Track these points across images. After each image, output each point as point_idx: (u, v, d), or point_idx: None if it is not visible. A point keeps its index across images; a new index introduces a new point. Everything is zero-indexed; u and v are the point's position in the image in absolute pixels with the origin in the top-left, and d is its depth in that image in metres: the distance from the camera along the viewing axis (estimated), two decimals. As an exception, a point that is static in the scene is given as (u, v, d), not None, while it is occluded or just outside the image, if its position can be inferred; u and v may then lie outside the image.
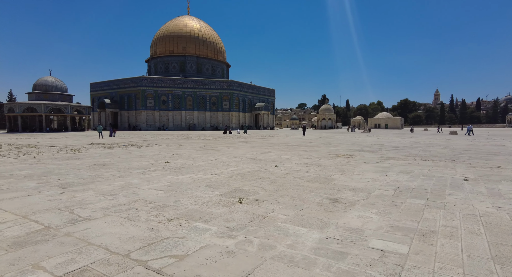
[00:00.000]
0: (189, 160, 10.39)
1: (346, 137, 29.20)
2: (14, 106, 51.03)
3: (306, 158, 10.69)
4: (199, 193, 5.34)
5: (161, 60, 70.42)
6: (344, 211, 4.14)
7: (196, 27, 70.84)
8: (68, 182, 6.42)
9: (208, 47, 71.45)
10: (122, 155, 11.84)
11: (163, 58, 70.06)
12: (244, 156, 11.64)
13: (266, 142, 21.29)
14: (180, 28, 69.71)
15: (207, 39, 71.38)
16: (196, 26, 70.85)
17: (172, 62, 69.62)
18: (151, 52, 73.51)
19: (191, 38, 69.22)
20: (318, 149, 14.98)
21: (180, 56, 68.98)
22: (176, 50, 68.88)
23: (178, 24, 70.48)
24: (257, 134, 40.26)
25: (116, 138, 27.99)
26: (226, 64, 78.89)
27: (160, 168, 8.39)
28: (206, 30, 72.58)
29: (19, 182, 6.49)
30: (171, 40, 69.12)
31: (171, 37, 69.18)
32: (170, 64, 69.74)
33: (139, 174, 7.49)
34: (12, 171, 7.93)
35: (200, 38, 70.21)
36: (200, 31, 70.88)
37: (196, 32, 70.05)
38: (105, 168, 8.45)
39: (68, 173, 7.67)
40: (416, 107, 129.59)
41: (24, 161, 10.13)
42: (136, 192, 5.46)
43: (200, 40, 70.05)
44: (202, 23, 73.89)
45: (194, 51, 69.51)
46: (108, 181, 6.58)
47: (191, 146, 17.30)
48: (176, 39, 68.88)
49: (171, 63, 69.67)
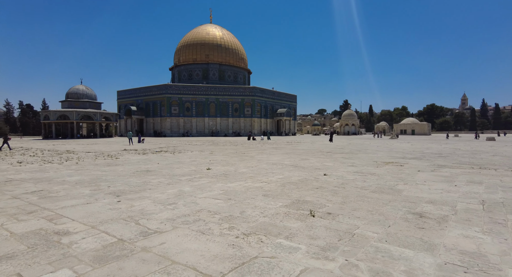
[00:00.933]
0: (229, 166, 10.14)
1: (377, 143, 28.07)
2: (49, 113, 53.80)
3: (351, 166, 10.12)
4: (261, 203, 5.00)
5: (185, 68, 72.03)
6: (440, 229, 3.63)
7: (219, 35, 72.05)
8: (120, 190, 6.31)
9: (230, 54, 72.32)
10: (161, 162, 11.81)
11: (187, 66, 71.64)
12: (283, 163, 11.24)
13: (296, 148, 20.79)
14: (203, 36, 71.18)
15: (229, 46, 72.34)
16: (218, 34, 72.08)
17: (195, 70, 71.02)
18: (175, 60, 75.46)
19: (214, 46, 70.42)
20: (357, 156, 14.30)
21: (203, 64, 70.25)
22: (199, 58, 70.25)
23: (201, 33, 72.03)
24: (281, 140, 39.77)
25: (145, 144, 28.54)
26: (247, 70, 79.43)
27: (205, 175, 8.17)
28: (228, 37, 73.64)
29: (73, 188, 6.45)
30: (195, 48, 70.64)
31: (195, 45, 70.72)
32: (194, 71, 71.17)
33: (187, 181, 7.29)
34: (63, 177, 8.00)
35: (223, 45, 71.27)
36: (223, 39, 71.99)
37: (218, 40, 71.21)
38: (150, 175, 8.35)
39: (116, 180, 7.61)
40: (444, 112, 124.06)
41: (69, 167, 10.29)
42: (194, 201, 5.21)
43: (222, 48, 71.10)
44: (224, 30, 75.09)
45: (216, 58, 70.58)
46: (159, 188, 6.41)
47: (222, 152, 17.14)
48: (199, 47, 70.33)
49: (194, 71, 71.08)
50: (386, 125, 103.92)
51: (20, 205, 5.05)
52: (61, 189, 6.36)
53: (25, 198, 5.53)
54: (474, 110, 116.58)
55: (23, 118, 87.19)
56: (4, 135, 21.36)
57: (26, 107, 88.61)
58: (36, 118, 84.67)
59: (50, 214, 4.49)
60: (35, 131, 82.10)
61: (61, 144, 30.06)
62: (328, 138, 45.03)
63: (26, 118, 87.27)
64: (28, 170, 9.52)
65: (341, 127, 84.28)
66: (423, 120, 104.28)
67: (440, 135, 76.83)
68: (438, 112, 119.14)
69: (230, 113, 63.29)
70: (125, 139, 46.29)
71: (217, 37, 71.50)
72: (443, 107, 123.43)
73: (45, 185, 6.92)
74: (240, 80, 75.31)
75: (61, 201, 5.33)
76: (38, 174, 8.60)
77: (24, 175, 8.43)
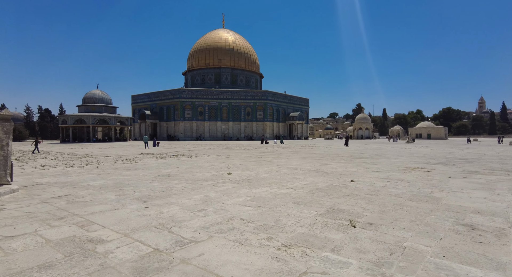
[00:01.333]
0: (249, 171, 9.96)
1: (395, 148, 27.34)
2: (66, 118, 55.27)
3: (376, 172, 9.76)
4: (293, 211, 4.78)
5: (198, 72, 72.79)
6: (502, 244, 3.32)
7: (231, 39, 72.60)
8: (145, 195, 6.22)
9: (242, 58, 72.67)
10: (180, 166, 11.76)
11: (200, 70, 72.38)
12: (304, 168, 10.98)
13: (312, 152, 20.44)
14: (215, 41, 71.86)
15: (241, 51, 72.73)
16: (231, 39, 72.63)
17: (208, 74, 71.66)
18: (188, 65, 76.40)
19: (226, 50, 70.95)
20: (378, 161, 13.87)
21: (215, 68, 70.82)
22: (212, 63, 70.87)
23: (214, 37, 72.76)
24: (294, 144, 39.38)
25: (160, 148, 28.76)
26: (259, 74, 79.56)
27: (227, 180, 8.02)
28: (240, 42, 74.10)
29: (98, 193, 6.41)
30: (207, 53, 71.36)
31: (207, 50, 71.45)
32: (206, 76, 71.82)
33: (211, 186, 7.14)
34: (86, 182, 8.01)
35: (235, 50, 71.71)
36: (235, 43, 72.48)
37: (231, 45, 71.73)
38: (172, 180, 8.26)
39: (139, 184, 7.55)
40: (461, 116, 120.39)
41: (90, 171, 10.36)
42: (224, 208, 5.04)
43: (235, 52, 71.54)
44: (237, 35, 75.62)
45: (229, 63, 71.02)
46: (184, 194, 6.29)
47: (238, 156, 17.00)
48: (212, 52, 71.00)
49: (207, 75, 71.72)
50: (401, 129, 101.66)
51: (50, 210, 5.01)
52: (86, 194, 6.33)
53: (54, 203, 5.50)
54: (494, 113, 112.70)
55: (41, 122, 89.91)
56: (36, 138, 23.12)
57: (44, 111, 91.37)
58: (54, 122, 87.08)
59: (81, 220, 4.42)
60: (53, 135, 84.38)
61: (79, 147, 30.68)
62: (343, 142, 44.32)
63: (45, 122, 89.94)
64: (52, 174, 9.62)
65: (355, 131, 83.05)
66: (439, 124, 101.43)
67: (458, 139, 74.51)
68: (455, 116, 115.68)
69: (243, 117, 63.34)
70: (140, 143, 46.94)
71: (230, 42, 72.04)
72: (460, 110, 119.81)
73: (70, 189, 6.91)
74: (252, 84, 75.48)
75: (89, 206, 5.26)
76: (62, 178, 8.66)
77: (49, 179, 8.50)
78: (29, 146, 36.20)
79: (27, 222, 4.31)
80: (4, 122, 6.50)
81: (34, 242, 3.51)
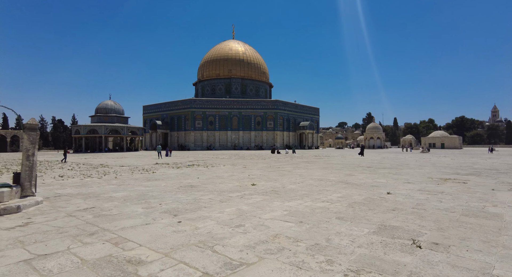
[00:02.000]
0: (273, 182, 9.56)
1: (413, 158, 26.51)
2: (79, 128, 56.14)
3: (408, 183, 9.23)
4: (342, 229, 4.35)
5: (208, 83, 73.52)
6: None
7: (241, 50, 73.39)
8: (173, 208, 5.88)
9: (252, 68, 73.19)
10: (200, 176, 11.44)
11: (210, 81, 73.11)
12: (329, 179, 10.51)
13: (330, 162, 19.89)
14: (226, 51, 72.76)
15: (251, 61, 73.35)
16: (241, 49, 73.44)
17: (218, 84, 72.27)
18: (198, 75, 77.34)
19: (236, 61, 71.66)
20: (403, 171, 13.28)
21: (226, 79, 71.42)
22: (222, 73, 71.56)
23: (224, 48, 73.72)
24: (307, 153, 38.77)
25: (173, 157, 28.64)
26: (269, 84, 79.85)
27: (254, 192, 7.63)
28: (250, 52, 74.83)
29: (124, 206, 6.11)
30: (218, 64, 72.19)
31: (218, 61, 72.31)
32: (217, 86, 72.43)
33: (239, 198, 6.77)
34: (108, 193, 7.74)
35: (245, 60, 72.37)
36: (245, 54, 73.21)
37: (241, 55, 72.47)
38: (196, 191, 7.92)
39: (164, 196, 7.23)
40: (475, 125, 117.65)
41: (109, 182, 10.12)
42: (262, 223, 4.65)
43: (244, 63, 72.17)
44: (247, 46, 76.47)
45: (239, 73, 71.59)
46: (214, 207, 5.93)
47: (255, 166, 16.61)
48: (222, 63, 71.80)
49: (217, 86, 72.33)
50: (413, 138, 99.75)
51: (78, 224, 4.71)
52: (112, 207, 6.03)
53: (81, 217, 5.21)
54: (510, 122, 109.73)
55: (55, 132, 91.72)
56: (64, 149, 25.26)
57: (57, 122, 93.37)
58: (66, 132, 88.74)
59: (113, 236, 4.09)
60: (65, 145, 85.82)
61: (92, 157, 30.83)
62: (356, 152, 43.46)
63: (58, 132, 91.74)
64: (72, 185, 9.41)
65: (366, 141, 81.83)
66: (452, 133, 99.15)
67: (474, 149, 72.53)
68: (469, 125, 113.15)
69: (253, 127, 63.22)
70: (152, 153, 47.11)
71: (240, 52, 72.82)
72: (474, 119, 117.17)
73: (94, 201, 6.64)
74: (261, 94, 75.68)
75: (118, 220, 4.95)
76: (83, 189, 8.42)
77: (70, 190, 8.27)
78: (44, 156, 36.66)
79: (58, 238, 4.01)
80: (31, 131, 6.33)
81: (70, 262, 3.19)
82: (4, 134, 63.57)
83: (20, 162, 21.74)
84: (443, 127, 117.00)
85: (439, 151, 55.76)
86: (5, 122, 78.60)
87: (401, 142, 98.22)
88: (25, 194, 6.21)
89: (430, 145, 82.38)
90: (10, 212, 5.49)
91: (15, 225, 4.69)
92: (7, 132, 64.30)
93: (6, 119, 79.44)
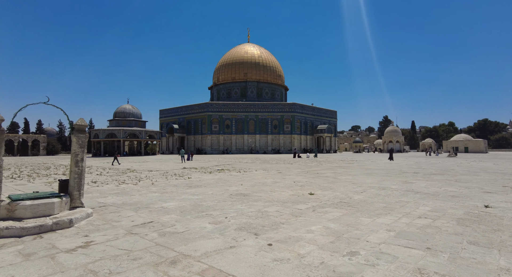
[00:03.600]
0: (331, 191, 8.55)
1: (449, 162, 24.87)
2: (98, 132, 56.60)
3: (488, 193, 8.04)
4: (498, 261, 3.32)
5: (224, 86, 73.28)
6: None
7: (257, 53, 72.93)
8: (245, 223, 4.98)
9: (268, 72, 72.54)
10: (243, 183, 10.54)
11: (226, 84, 72.86)
12: (389, 187, 9.42)
13: (366, 167, 18.66)
14: (241, 55, 72.44)
15: (267, 64, 72.73)
16: (256, 53, 72.98)
17: (233, 88, 71.90)
18: (214, 79, 77.28)
19: (252, 64, 71.19)
20: (463, 178, 11.98)
21: (241, 82, 70.99)
22: (238, 77, 71.18)
23: (239, 52, 73.44)
24: (329, 158, 37.42)
25: (195, 162, 27.97)
26: (284, 87, 78.95)
27: (322, 203, 6.65)
28: (266, 55, 74.27)
29: (185, 220, 5.25)
30: (233, 67, 71.90)
31: (233, 65, 72.04)
32: (232, 90, 72.07)
33: (311, 212, 5.81)
34: (156, 203, 6.93)
35: (261, 63, 71.82)
36: (261, 57, 72.68)
37: (256, 58, 71.98)
38: (253, 201, 7.02)
39: (222, 207, 6.35)
40: (499, 128, 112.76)
41: (149, 189, 9.36)
42: (380, 250, 3.66)
43: (260, 66, 71.61)
44: (262, 49, 75.98)
45: (254, 76, 71.04)
46: (292, 223, 4.99)
47: (290, 171, 15.59)
48: (238, 66, 71.47)
49: (233, 89, 71.96)
50: (433, 142, 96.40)
51: (148, 246, 3.86)
52: (172, 221, 5.19)
53: (144, 235, 4.37)
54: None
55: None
56: (114, 153, 26.46)
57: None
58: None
59: (204, 267, 3.20)
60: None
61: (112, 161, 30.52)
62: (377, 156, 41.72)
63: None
64: (111, 192, 8.69)
65: (384, 144, 79.45)
66: (475, 137, 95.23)
67: (501, 153, 69.16)
68: (492, 128, 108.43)
69: (270, 130, 62.29)
70: (171, 156, 46.83)
71: (255, 56, 72.35)
72: (498, 122, 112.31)
73: (147, 213, 5.82)
74: (277, 97, 74.82)
75: (192, 241, 4.07)
76: (125, 198, 7.66)
77: (112, 199, 7.52)
78: (67, 160, 36.78)
79: (136, 268, 3.15)
80: (79, 133, 5.59)
81: (175, 314, 2.30)
82: (26, 138, 64.99)
83: (47, 166, 21.47)
84: (464, 130, 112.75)
85: (465, 155, 53.19)
86: (27, 127, 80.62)
87: (420, 145, 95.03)
88: (74, 205, 5.46)
89: (453, 148, 79.23)
90: (63, 226, 4.72)
91: (75, 246, 3.88)
92: (28, 137, 65.75)
93: (28, 123, 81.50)
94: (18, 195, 5.12)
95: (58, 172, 16.22)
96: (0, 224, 4.40)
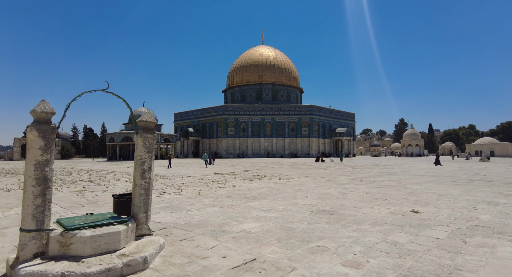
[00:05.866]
0: (429, 207, 6.83)
1: (497, 168, 22.65)
2: (114, 136, 55.97)
3: None
4: None
5: (238, 89, 72.03)
6: None
7: (272, 55, 71.56)
8: (395, 265, 3.34)
9: (283, 74, 71.01)
10: (308, 194, 8.87)
11: (240, 87, 71.59)
12: (500, 202, 7.62)
13: (413, 173, 16.74)
14: (256, 57, 71.18)
15: (282, 66, 71.24)
16: (271, 55, 71.62)
17: (248, 91, 70.57)
18: (228, 82, 76.17)
19: (267, 66, 69.81)
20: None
21: (256, 84, 69.61)
22: (253, 79, 69.85)
23: (254, 54, 72.22)
24: (355, 162, 35.38)
25: (218, 166, 26.46)
26: (299, 89, 77.20)
27: (455, 228, 4.96)
28: (281, 57, 72.83)
29: (297, 256, 3.64)
30: (248, 70, 70.64)
31: (248, 67, 70.79)
32: (247, 92, 70.74)
33: (462, 242, 4.13)
34: (228, 223, 5.33)
35: (276, 66, 70.37)
36: (276, 59, 71.27)
37: (271, 61, 70.58)
38: (354, 223, 5.37)
39: (320, 231, 4.72)
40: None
41: (200, 201, 7.80)
42: None
43: (275, 68, 70.16)
44: (277, 51, 74.59)
45: (269, 78, 69.59)
46: (463, 265, 3.31)
47: (338, 179, 13.85)
48: (252, 68, 70.19)
49: (248, 92, 70.63)
50: (453, 145, 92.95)
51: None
52: (284, 259, 3.58)
53: (272, 291, 2.77)
54: None
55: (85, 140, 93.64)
56: (169, 156, 27.53)
57: (88, 130, 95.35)
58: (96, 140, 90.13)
59: None
60: (95, 153, 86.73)
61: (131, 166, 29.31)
62: (394, 160, 39.43)
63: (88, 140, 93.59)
64: (157, 205, 7.16)
65: (403, 148, 76.63)
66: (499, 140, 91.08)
67: (531, 157, 65.45)
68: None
69: (287, 133, 60.51)
70: (189, 160, 45.62)
71: (270, 58, 70.97)
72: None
73: (232, 243, 4.24)
74: (292, 99, 73.11)
75: None
76: (184, 215, 6.11)
77: (168, 217, 5.97)
78: (84, 164, 35.86)
79: None
80: (147, 133, 4.10)
81: None
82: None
83: (68, 171, 20.19)
84: (486, 133, 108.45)
85: (496, 159, 50.20)
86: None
87: (439, 149, 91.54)
88: (141, 232, 3.92)
89: (476, 153, 75.67)
90: (136, 269, 3.20)
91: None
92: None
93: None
94: (70, 219, 3.61)
95: (82, 178, 14.92)
96: (52, 267, 2.88)
